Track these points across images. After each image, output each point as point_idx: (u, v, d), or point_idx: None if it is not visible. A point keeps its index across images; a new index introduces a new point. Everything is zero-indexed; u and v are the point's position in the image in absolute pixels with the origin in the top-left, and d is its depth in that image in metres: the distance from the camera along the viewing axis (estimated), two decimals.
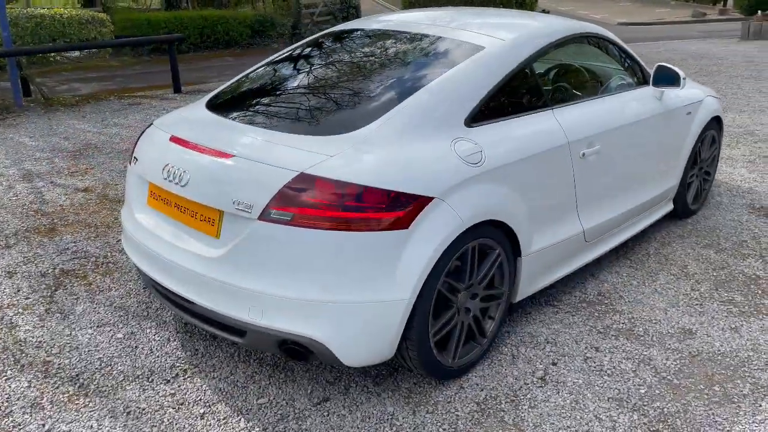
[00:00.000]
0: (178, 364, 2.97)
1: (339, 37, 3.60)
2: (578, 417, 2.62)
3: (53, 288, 3.66)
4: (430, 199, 2.50)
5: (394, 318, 2.48)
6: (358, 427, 2.58)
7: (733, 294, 3.56)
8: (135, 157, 3.03)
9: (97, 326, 3.28)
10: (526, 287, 3.10)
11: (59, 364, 2.98)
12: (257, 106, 3.06)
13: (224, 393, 2.78)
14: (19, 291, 3.64)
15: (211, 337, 3.18)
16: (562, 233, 3.20)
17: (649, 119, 3.72)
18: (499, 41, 3.11)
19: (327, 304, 2.42)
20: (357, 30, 3.60)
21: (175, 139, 2.84)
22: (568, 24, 3.52)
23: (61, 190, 5.24)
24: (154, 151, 2.90)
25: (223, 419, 2.63)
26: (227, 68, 12.50)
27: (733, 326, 3.25)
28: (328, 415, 2.65)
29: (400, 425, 2.59)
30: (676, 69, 3.77)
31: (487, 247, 2.79)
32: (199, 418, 2.64)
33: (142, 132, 3.19)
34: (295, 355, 2.58)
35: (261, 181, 2.48)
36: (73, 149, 6.44)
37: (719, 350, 3.06)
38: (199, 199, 2.62)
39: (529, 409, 2.67)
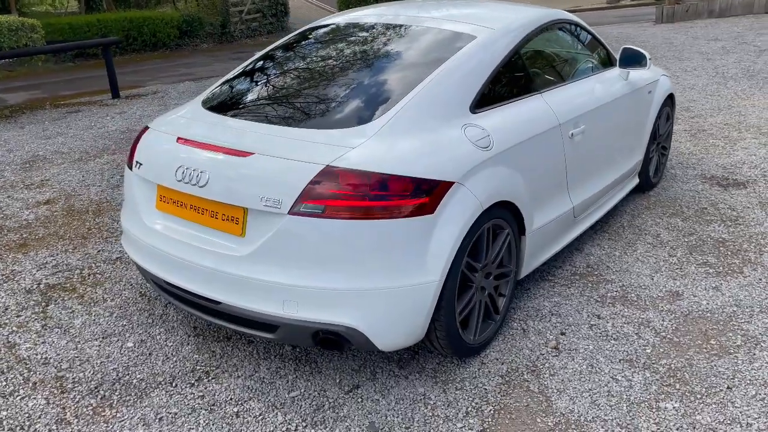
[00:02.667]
0: (198, 367, 2.96)
1: (324, 32, 3.63)
2: (596, 380, 2.79)
3: (44, 303, 3.54)
4: (451, 183, 2.60)
5: (426, 300, 2.57)
6: (394, 410, 2.66)
7: (706, 257, 3.84)
8: (138, 161, 2.98)
9: (102, 337, 3.21)
10: (529, 264, 3.25)
11: (74, 378, 2.91)
12: (260, 103, 3.06)
13: (253, 390, 2.80)
14: (7, 309, 3.50)
15: (226, 338, 3.17)
16: (556, 211, 3.37)
17: (621, 99, 3.95)
18: (489, 30, 3.23)
19: (361, 292, 2.48)
20: (340, 24, 3.64)
21: (184, 141, 2.82)
22: (544, 11, 3.69)
23: (22, 204, 5.02)
24: (162, 154, 2.87)
25: (260, 415, 2.65)
26: (160, 71, 12.17)
27: (714, 286, 3.51)
28: (362, 401, 2.72)
29: (434, 404, 2.69)
30: (642, 50, 4.02)
31: (498, 227, 2.92)
32: (234, 416, 2.65)
33: (139, 135, 3.13)
34: (329, 345, 2.62)
35: (287, 176, 2.51)
36: (21, 162, 6.16)
37: (707, 308, 3.31)
38: (221, 198, 2.62)
39: (550, 377, 2.82)
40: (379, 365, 2.94)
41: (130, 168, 3.06)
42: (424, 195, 2.52)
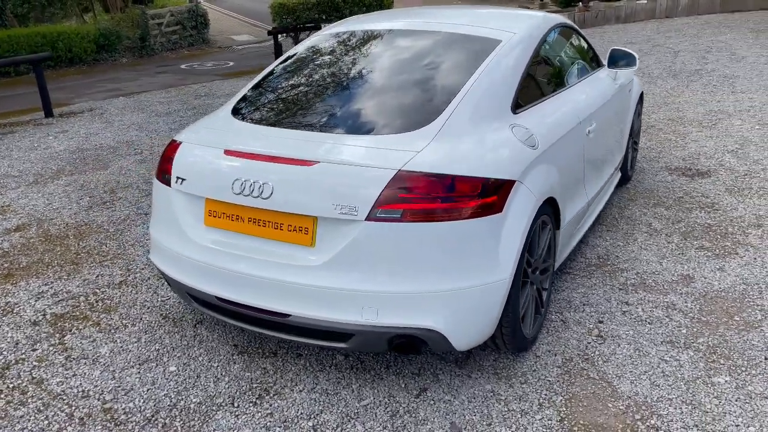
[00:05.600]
0: (255, 385, 2.87)
1: (343, 39, 3.61)
2: (648, 362, 2.94)
3: (58, 334, 3.31)
4: (513, 182, 2.67)
5: (498, 298, 2.62)
6: (469, 409, 2.69)
7: (701, 241, 4.11)
8: (179, 177, 2.86)
9: (139, 364, 3.04)
10: (560, 258, 3.37)
11: (124, 409, 2.75)
12: (305, 112, 3.01)
13: (322, 403, 2.75)
14: (18, 344, 3.25)
15: (272, 353, 3.09)
16: (578, 204, 3.52)
17: (614, 97, 4.17)
18: (511, 34, 3.34)
19: (440, 294, 2.50)
20: (357, 31, 3.63)
21: (235, 153, 2.73)
22: (549, 16, 3.84)
23: None
24: (210, 168, 2.77)
25: (337, 427, 2.61)
26: (84, 87, 11.56)
27: (718, 267, 3.77)
28: (435, 404, 2.73)
29: (506, 399, 2.74)
30: (631, 51, 4.26)
31: (544, 222, 3.02)
32: (312, 430, 2.59)
33: (169, 151, 3.00)
34: (405, 349, 2.62)
35: (359, 182, 2.49)
36: None
37: (720, 288, 3.54)
38: (288, 209, 2.56)
39: (604, 364, 2.94)
40: (438, 367, 2.96)
41: (168, 184, 2.93)
42: (492, 194, 2.57)
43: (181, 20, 16.28)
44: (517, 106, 3.06)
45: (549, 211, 3.04)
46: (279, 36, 11.86)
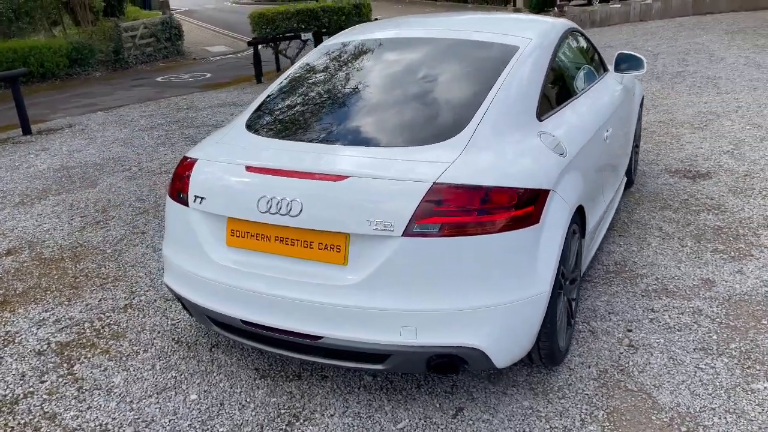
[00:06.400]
0: (283, 411, 2.74)
1: (355, 48, 3.50)
2: (684, 371, 2.88)
3: (66, 364, 3.14)
4: (548, 191, 2.59)
5: (538, 311, 2.53)
6: (510, 428, 2.59)
7: (714, 244, 4.09)
8: (197, 196, 2.73)
9: (157, 393, 2.89)
10: (584, 266, 3.31)
11: None
12: (328, 125, 2.90)
13: (356, 428, 2.63)
14: (24, 376, 3.07)
15: (296, 376, 2.96)
16: (599, 211, 3.46)
17: (623, 101, 4.14)
18: (527, 40, 3.27)
19: (481, 310, 2.41)
20: (369, 40, 3.53)
21: (258, 169, 2.61)
22: (560, 21, 3.80)
23: None
24: (232, 185, 2.64)
25: None
26: (59, 102, 11.26)
27: (737, 270, 3.74)
28: (474, 423, 2.63)
29: (545, 415, 2.65)
30: (638, 54, 4.23)
31: (573, 232, 2.95)
32: None
33: (183, 169, 2.87)
34: (443, 369, 2.52)
35: (393, 197, 2.39)
36: None
37: (742, 291, 3.51)
38: (319, 226, 2.45)
39: (640, 374, 2.87)
40: (471, 384, 2.86)
41: (184, 203, 2.79)
42: (529, 205, 2.49)
43: (155, 32, 16.02)
44: (542, 112, 2.99)
45: (577, 219, 2.97)
46: (259, 46, 11.71)
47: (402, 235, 2.36)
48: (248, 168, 2.64)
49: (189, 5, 33.89)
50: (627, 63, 4.25)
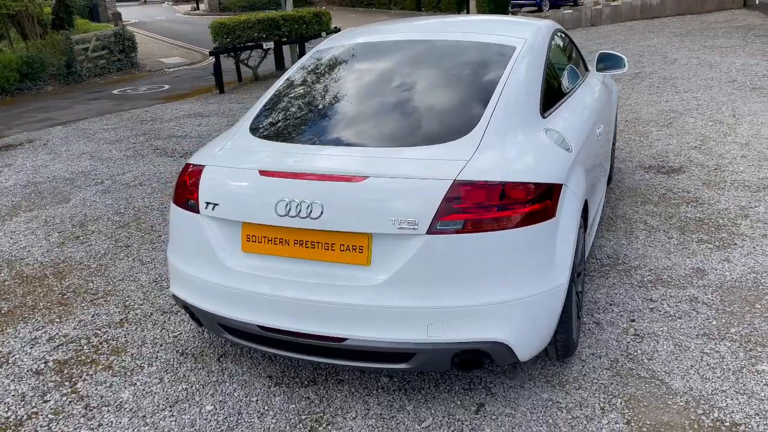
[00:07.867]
0: (303, 417, 2.71)
1: (354, 51, 3.49)
2: (691, 356, 2.96)
3: (68, 382, 3.03)
4: (560, 186, 2.64)
5: (557, 303, 2.58)
6: (534, 420, 2.62)
7: (699, 234, 4.23)
8: (209, 202, 2.68)
9: (170, 406, 2.82)
10: (584, 259, 3.37)
11: None
12: (331, 126, 2.90)
13: (380, 429, 2.61)
14: (24, 397, 2.95)
15: (311, 381, 2.93)
16: (596, 205, 3.54)
17: (607, 100, 4.25)
18: (523, 39, 3.33)
19: (505, 305, 2.44)
20: (368, 42, 3.52)
21: (273, 173, 2.58)
22: (548, 21, 3.88)
23: None
24: (245, 190, 2.61)
25: None
26: (12, 118, 10.87)
27: (724, 258, 3.88)
28: (497, 418, 2.65)
29: (566, 406, 2.69)
30: (619, 54, 4.35)
31: (580, 225, 3.01)
32: None
33: (188, 176, 2.82)
34: (467, 365, 2.54)
35: (415, 195, 2.40)
36: None
37: (732, 278, 3.64)
38: (340, 227, 2.44)
39: (650, 362, 2.95)
40: (488, 380, 2.88)
41: (194, 210, 2.74)
42: (545, 199, 2.54)
43: (107, 44, 15.67)
44: (545, 109, 3.05)
45: (583, 213, 3.03)
46: (220, 56, 11.58)
47: (426, 233, 2.37)
48: (262, 172, 2.61)
49: (139, 17, 33.32)
50: (608, 62, 4.37)
